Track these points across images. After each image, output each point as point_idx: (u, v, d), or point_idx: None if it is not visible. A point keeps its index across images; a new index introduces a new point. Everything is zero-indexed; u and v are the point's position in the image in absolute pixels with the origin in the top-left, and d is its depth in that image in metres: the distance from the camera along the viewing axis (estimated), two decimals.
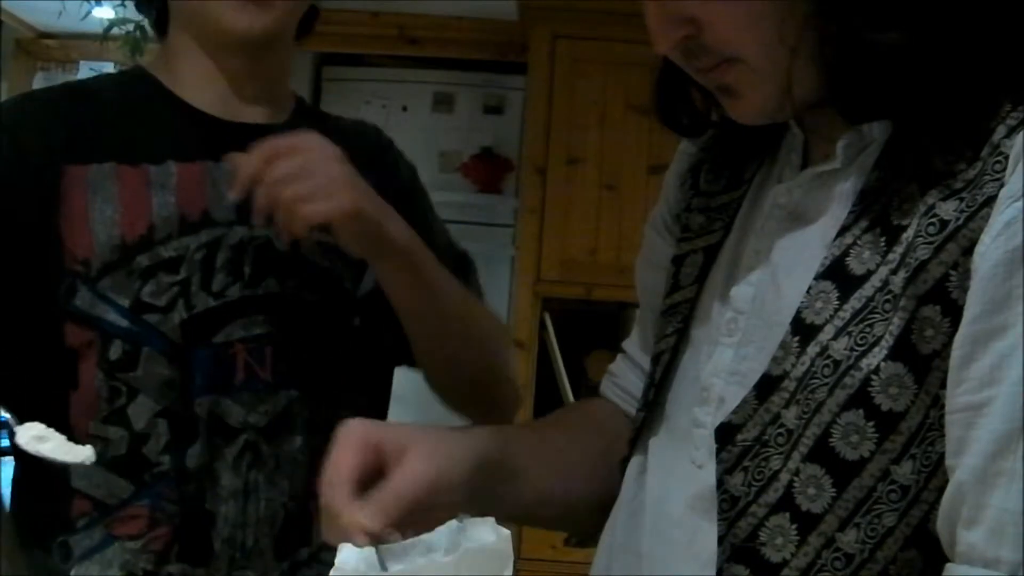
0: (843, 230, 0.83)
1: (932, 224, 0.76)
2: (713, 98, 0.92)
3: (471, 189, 4.08)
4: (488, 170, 4.07)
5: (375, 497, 0.83)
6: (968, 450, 0.72)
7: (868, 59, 0.80)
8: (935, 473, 0.76)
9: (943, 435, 0.75)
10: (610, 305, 3.78)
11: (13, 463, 1.26)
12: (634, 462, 1.01)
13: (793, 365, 0.81)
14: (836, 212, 0.85)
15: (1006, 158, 0.74)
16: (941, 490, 0.76)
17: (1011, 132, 0.75)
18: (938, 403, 0.75)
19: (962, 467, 0.72)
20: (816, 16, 0.80)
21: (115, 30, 3.39)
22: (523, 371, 3.70)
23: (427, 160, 4.06)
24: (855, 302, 0.80)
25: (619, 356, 1.19)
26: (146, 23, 1.65)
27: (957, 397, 0.73)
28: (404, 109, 4.04)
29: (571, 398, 3.65)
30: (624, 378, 1.16)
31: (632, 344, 1.17)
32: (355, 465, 0.84)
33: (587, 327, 3.86)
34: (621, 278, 3.53)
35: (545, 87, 3.72)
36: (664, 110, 0.99)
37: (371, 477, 0.85)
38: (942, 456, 0.75)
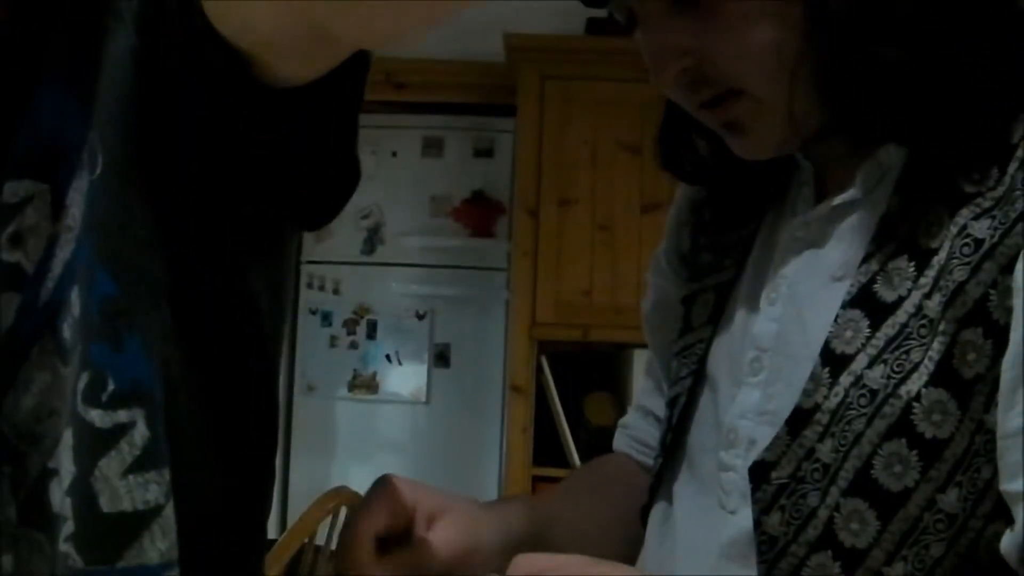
0: (867, 258, 0.81)
1: (966, 244, 0.75)
2: (717, 141, 0.90)
3: (463, 233, 4.07)
4: (480, 214, 4.06)
5: (403, 557, 0.84)
6: None
7: (870, 79, 0.79)
8: (982, 499, 0.74)
9: (989, 460, 0.74)
10: (607, 346, 3.76)
11: None
12: (657, 510, 0.98)
13: (825, 397, 0.79)
14: (857, 241, 0.83)
15: None
16: (987, 517, 0.74)
17: None
18: (982, 428, 0.74)
19: None
20: (813, 38, 0.79)
21: None
22: (521, 415, 3.67)
23: (417, 205, 4.06)
24: (888, 329, 0.78)
25: (630, 408, 1.17)
26: None
27: (1011, 420, 0.72)
28: (394, 155, 4.03)
29: (570, 441, 3.62)
30: (638, 428, 1.14)
31: (644, 392, 1.15)
32: (383, 525, 0.84)
33: (584, 369, 3.83)
34: (617, 319, 3.51)
35: (535, 129, 3.71)
36: (668, 158, 0.98)
37: (395, 536, 0.85)
38: (988, 482, 0.74)
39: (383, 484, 0.87)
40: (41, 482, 0.70)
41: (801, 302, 0.86)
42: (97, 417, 0.68)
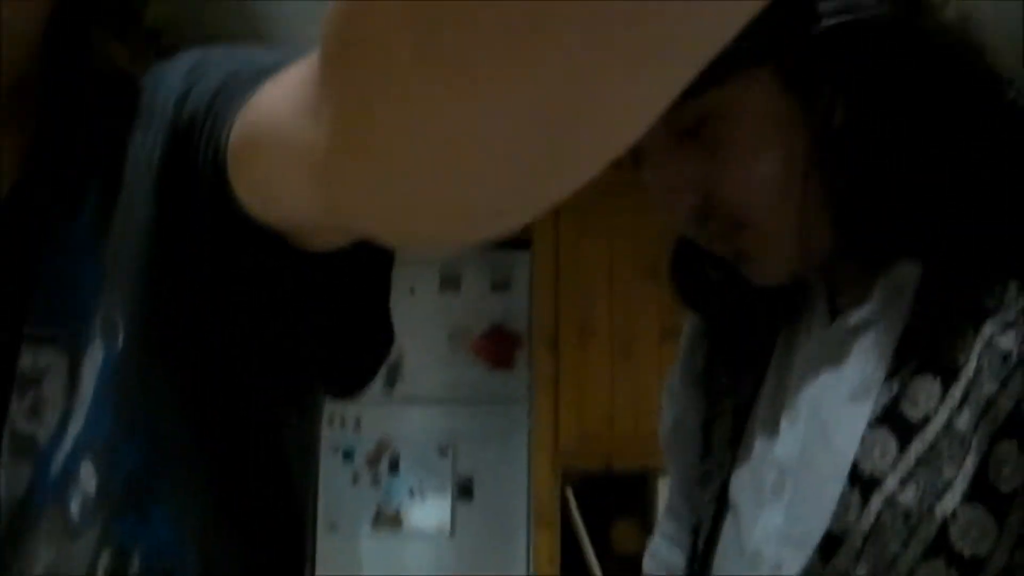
0: (890, 375, 0.80)
1: (994, 358, 0.74)
2: (729, 268, 0.90)
3: (483, 367, 4.06)
4: (499, 346, 4.07)
5: None
6: None
7: (880, 201, 0.79)
8: None
9: None
10: (632, 474, 3.73)
11: None
12: None
13: (857, 519, 0.78)
14: (876, 358, 0.82)
15: None
16: None
17: None
18: (1022, 542, 0.73)
19: None
20: (820, 163, 0.79)
21: None
22: (548, 546, 3.62)
23: (436, 340, 4.06)
24: (918, 447, 0.77)
25: (656, 531, 1.15)
26: None
27: None
28: (411, 291, 4.06)
29: (597, 571, 3.57)
30: (668, 552, 1.11)
31: (668, 516, 1.13)
32: None
33: (610, 497, 3.79)
34: (641, 446, 3.48)
35: (551, 260, 3.73)
36: (682, 288, 0.98)
37: None
38: None
39: None
40: None
41: (823, 422, 0.85)
42: None
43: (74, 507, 0.68)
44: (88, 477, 0.68)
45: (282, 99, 0.54)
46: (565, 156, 0.35)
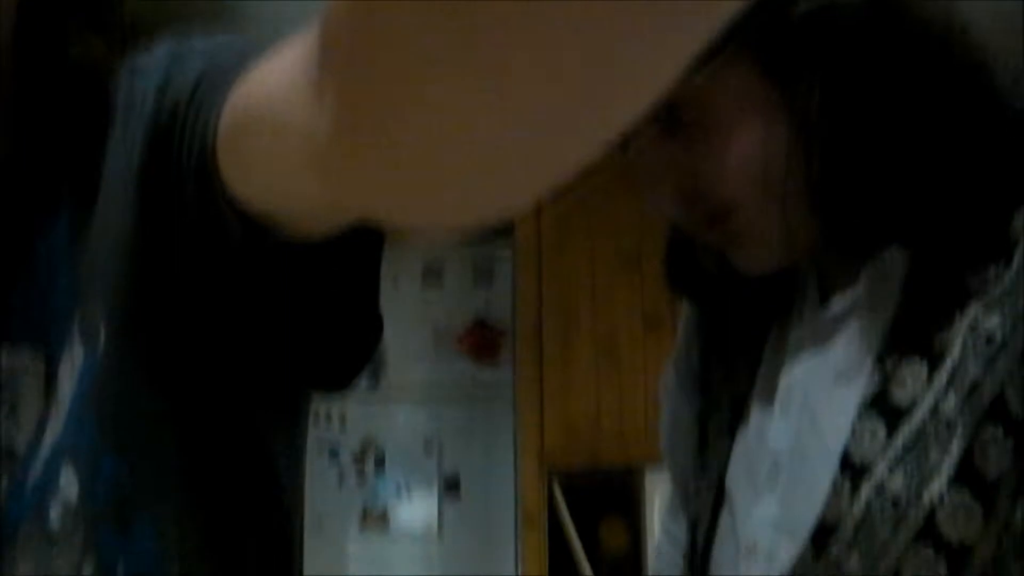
0: (879, 360, 0.80)
1: (979, 340, 0.74)
2: (722, 257, 0.89)
3: (467, 362, 4.05)
4: (483, 341, 4.05)
5: None
6: None
7: (860, 189, 0.78)
8: None
9: (1021, 561, 0.72)
10: (618, 469, 3.71)
11: None
12: None
13: (848, 507, 0.77)
14: (867, 345, 0.82)
15: None
16: None
17: None
18: (1010, 528, 0.72)
19: None
20: (799, 153, 0.79)
21: None
22: (536, 543, 3.61)
23: (419, 335, 4.05)
24: (905, 432, 0.76)
25: (660, 530, 1.16)
26: None
27: None
28: (394, 285, 4.04)
29: (587, 568, 3.56)
30: (673, 550, 1.11)
31: (670, 513, 1.14)
32: None
33: (597, 494, 3.78)
34: (627, 440, 3.47)
35: (533, 253, 3.72)
36: (676, 278, 0.98)
37: None
38: None
39: None
40: None
41: (814, 407, 0.84)
42: None
43: (54, 515, 0.67)
44: (68, 485, 0.67)
45: (277, 83, 0.52)
46: (568, 138, 0.36)
